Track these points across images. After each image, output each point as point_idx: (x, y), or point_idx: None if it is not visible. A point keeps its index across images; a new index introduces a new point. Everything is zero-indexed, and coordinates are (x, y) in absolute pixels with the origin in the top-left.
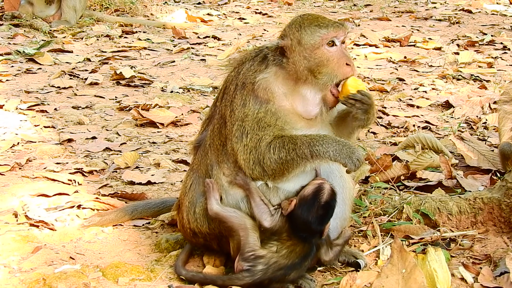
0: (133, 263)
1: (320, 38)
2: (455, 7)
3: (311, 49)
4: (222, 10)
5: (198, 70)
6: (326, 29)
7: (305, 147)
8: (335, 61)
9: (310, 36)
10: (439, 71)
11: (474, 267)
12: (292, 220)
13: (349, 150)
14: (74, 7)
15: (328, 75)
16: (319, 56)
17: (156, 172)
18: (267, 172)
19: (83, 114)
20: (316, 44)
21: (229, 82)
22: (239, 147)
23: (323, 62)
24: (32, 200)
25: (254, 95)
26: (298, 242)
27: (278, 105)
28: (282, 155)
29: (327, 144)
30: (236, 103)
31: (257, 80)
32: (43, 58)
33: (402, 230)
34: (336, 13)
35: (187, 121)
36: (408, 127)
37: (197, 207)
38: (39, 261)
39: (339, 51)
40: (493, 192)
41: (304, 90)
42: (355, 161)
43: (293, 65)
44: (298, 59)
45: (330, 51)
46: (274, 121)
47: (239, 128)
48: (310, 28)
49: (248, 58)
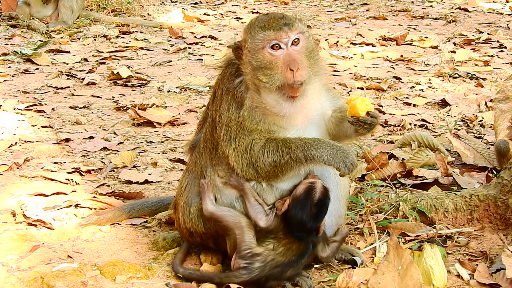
0: (131, 262)
1: (260, 41)
2: (452, 6)
3: (253, 51)
4: (219, 10)
5: (195, 70)
6: (265, 32)
7: (299, 151)
8: (278, 65)
9: (253, 38)
10: (436, 70)
11: (470, 264)
12: (287, 220)
13: (343, 154)
14: (71, 7)
15: (270, 78)
16: (261, 59)
17: (153, 171)
18: (261, 174)
19: (80, 114)
20: (257, 46)
21: (217, 86)
22: (229, 151)
23: (266, 65)
24: (30, 199)
25: (235, 99)
26: (294, 240)
27: (252, 107)
28: (276, 158)
29: (321, 148)
30: (223, 107)
31: (235, 84)
32: (40, 59)
33: (399, 227)
34: (332, 12)
35: (184, 121)
36: (405, 125)
37: (192, 207)
38: (37, 260)
39: (286, 54)
40: (489, 189)
41: (262, 91)
42: (349, 165)
43: (244, 65)
44: (246, 60)
45: (273, 54)
46: (255, 125)
47: (226, 133)
48: (255, 29)
49: (232, 60)
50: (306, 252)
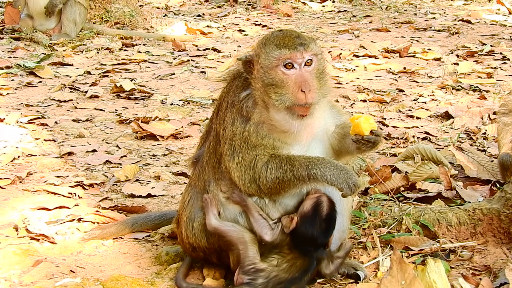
0: (134, 276)
1: (274, 59)
2: (455, 18)
3: (266, 68)
4: (222, 22)
5: (198, 83)
6: (280, 51)
7: (302, 169)
8: (289, 85)
9: (266, 55)
10: (439, 82)
11: (474, 278)
12: (296, 237)
13: (346, 175)
14: (74, 20)
15: (281, 97)
16: (272, 77)
17: (156, 185)
18: (263, 190)
19: (83, 127)
20: (270, 64)
21: (222, 99)
22: (232, 165)
23: (277, 83)
24: (32, 213)
25: (240, 113)
26: (299, 255)
27: (258, 122)
28: (279, 175)
29: (325, 168)
30: (227, 121)
31: (241, 97)
32: (43, 72)
33: (402, 241)
34: (335, 24)
35: (187, 134)
36: (408, 138)
37: (195, 222)
38: (40, 275)
39: (298, 74)
40: (492, 203)
41: (271, 108)
42: (351, 187)
43: (254, 80)
44: (257, 75)
45: (285, 73)
46: (260, 140)
47: (229, 147)
48: (269, 46)
49: (239, 73)
50: (310, 268)
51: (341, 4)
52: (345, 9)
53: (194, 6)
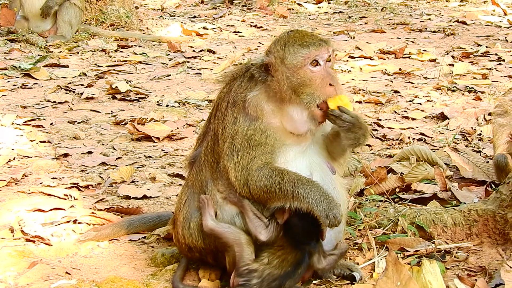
0: (129, 278)
1: (303, 58)
2: (450, 19)
3: (294, 69)
4: (218, 23)
5: (193, 84)
6: (308, 49)
7: (289, 185)
8: (318, 81)
9: (292, 55)
10: (434, 83)
11: (469, 279)
12: (290, 228)
13: (329, 205)
14: (69, 21)
15: (311, 95)
16: (301, 76)
17: (152, 186)
18: (252, 195)
19: (79, 128)
20: (299, 64)
21: (221, 99)
22: (230, 165)
23: (306, 82)
24: (28, 215)
25: (244, 112)
26: (290, 250)
27: (267, 122)
28: (267, 183)
29: (310, 190)
30: (227, 120)
31: (247, 98)
32: (39, 73)
33: (397, 242)
34: (331, 26)
35: (183, 135)
36: (403, 139)
37: (191, 222)
38: (35, 276)
39: (323, 70)
40: (487, 204)
41: (290, 108)
42: (330, 218)
43: (277, 83)
44: (281, 78)
45: (313, 71)
46: (264, 139)
47: (229, 146)
48: (293, 47)
49: (239, 74)
50: (302, 262)
51: (337, 6)
52: (341, 10)
53: (190, 8)
